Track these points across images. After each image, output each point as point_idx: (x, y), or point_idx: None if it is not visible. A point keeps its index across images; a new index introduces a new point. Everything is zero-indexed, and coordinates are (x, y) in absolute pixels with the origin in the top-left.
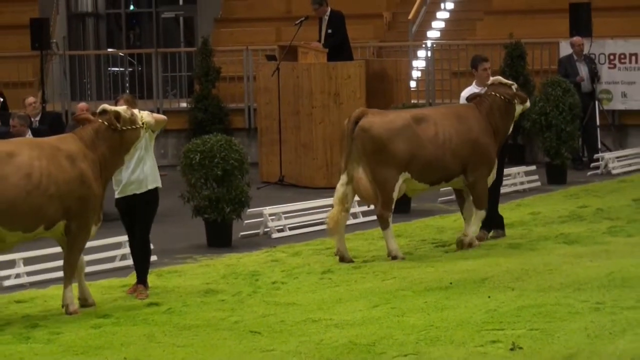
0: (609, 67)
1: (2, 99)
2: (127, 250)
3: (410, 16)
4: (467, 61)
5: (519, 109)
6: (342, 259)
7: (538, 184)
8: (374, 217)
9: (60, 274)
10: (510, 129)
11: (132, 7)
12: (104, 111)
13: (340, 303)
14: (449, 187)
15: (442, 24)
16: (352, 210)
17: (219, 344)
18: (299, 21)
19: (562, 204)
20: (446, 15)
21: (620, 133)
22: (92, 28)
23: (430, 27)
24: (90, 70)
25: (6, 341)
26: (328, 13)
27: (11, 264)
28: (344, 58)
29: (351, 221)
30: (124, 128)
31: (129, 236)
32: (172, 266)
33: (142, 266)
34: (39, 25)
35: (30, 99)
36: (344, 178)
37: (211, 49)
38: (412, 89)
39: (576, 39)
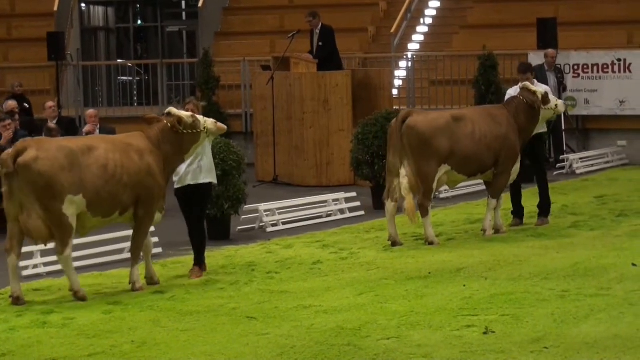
0: (574, 77)
1: (28, 105)
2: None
3: (392, 30)
4: (445, 71)
5: (548, 113)
6: (394, 244)
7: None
8: (361, 213)
9: (74, 264)
10: (538, 130)
11: (139, 22)
12: (170, 114)
13: (329, 291)
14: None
15: (421, 37)
16: (340, 206)
17: (218, 328)
18: (291, 35)
19: (530, 201)
20: (425, 29)
21: (584, 136)
22: (103, 41)
23: (410, 40)
24: (101, 79)
25: (25, 325)
26: (319, 27)
27: (29, 255)
28: (333, 68)
29: (338, 216)
30: (185, 131)
31: (187, 223)
32: (176, 257)
33: (198, 250)
34: (55, 39)
35: (50, 103)
36: (403, 171)
37: (212, 59)
38: (394, 97)
39: (550, 51)
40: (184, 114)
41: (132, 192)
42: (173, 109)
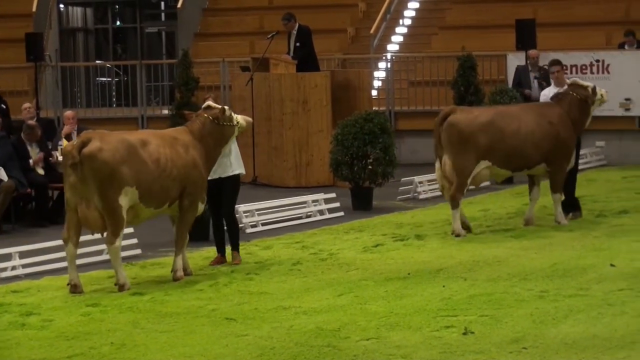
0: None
1: (5, 107)
2: None
3: (371, 31)
4: (424, 72)
5: (596, 104)
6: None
7: (488, 183)
8: (341, 214)
9: (53, 266)
10: (587, 123)
11: (118, 23)
12: (209, 107)
13: (309, 292)
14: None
15: (400, 38)
16: (319, 207)
17: (198, 329)
18: (270, 35)
19: (510, 202)
20: (404, 30)
21: None
22: (82, 42)
23: (390, 41)
24: (80, 80)
25: (3, 327)
26: (296, 28)
27: (8, 257)
28: (311, 68)
29: (318, 217)
30: (224, 123)
31: (212, 215)
32: (155, 259)
33: (233, 237)
34: (34, 39)
35: (26, 105)
36: (438, 165)
37: (191, 60)
38: (373, 97)
39: (532, 51)
40: (224, 107)
41: (179, 184)
42: (211, 102)
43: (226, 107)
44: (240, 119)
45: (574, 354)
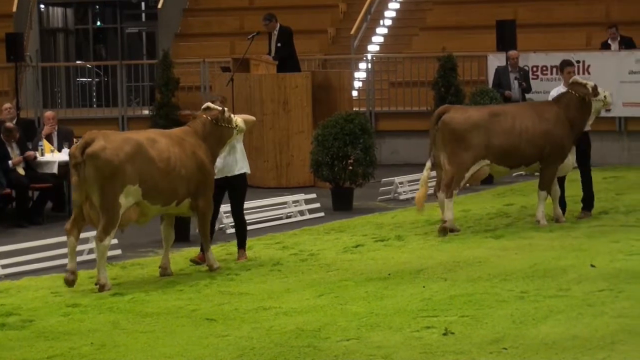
0: (532, 78)
1: None
2: (94, 244)
3: (352, 32)
4: (404, 72)
5: (598, 104)
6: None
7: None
8: (321, 214)
9: (33, 266)
10: (590, 122)
11: (99, 23)
12: (209, 108)
13: (289, 293)
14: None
15: (381, 39)
16: (300, 208)
17: (178, 330)
18: (251, 36)
19: (490, 202)
20: (385, 30)
21: None
22: (62, 42)
23: (370, 42)
24: (60, 80)
25: None
26: (277, 28)
27: None
28: (291, 69)
29: (298, 218)
30: (222, 125)
31: (215, 211)
32: (136, 259)
33: (241, 235)
34: (14, 40)
35: (7, 105)
36: (428, 164)
37: (171, 61)
38: (354, 98)
39: (512, 52)
40: (223, 108)
41: (187, 184)
42: (211, 104)
43: (225, 109)
44: (239, 121)
45: (554, 355)
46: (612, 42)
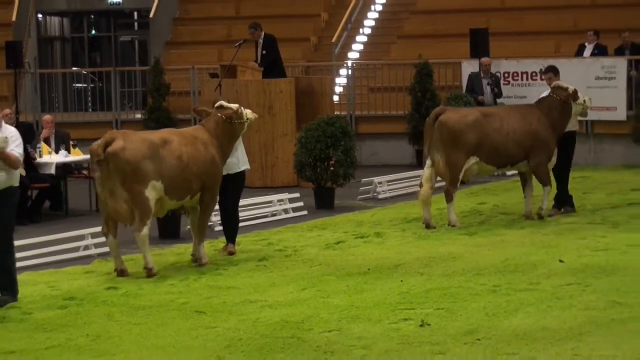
0: (504, 84)
1: None
2: (89, 241)
3: (333, 40)
4: (383, 78)
5: (577, 107)
6: (428, 226)
7: (443, 183)
8: (304, 213)
9: (32, 262)
10: (572, 124)
11: (93, 32)
12: (222, 106)
13: (274, 286)
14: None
15: (361, 47)
16: (284, 206)
17: (169, 322)
18: (237, 44)
19: (464, 201)
20: (364, 39)
21: None
22: (59, 50)
23: (351, 49)
24: (57, 86)
25: None
26: (263, 37)
27: None
28: (277, 75)
29: (283, 216)
30: (235, 121)
31: (221, 209)
32: (128, 255)
33: (232, 230)
34: (13, 47)
35: (7, 111)
36: (428, 162)
37: (162, 67)
38: (335, 103)
39: (484, 59)
40: (235, 105)
41: (200, 179)
42: (224, 102)
43: (237, 105)
44: (249, 114)
45: (524, 345)
46: (588, 44)
